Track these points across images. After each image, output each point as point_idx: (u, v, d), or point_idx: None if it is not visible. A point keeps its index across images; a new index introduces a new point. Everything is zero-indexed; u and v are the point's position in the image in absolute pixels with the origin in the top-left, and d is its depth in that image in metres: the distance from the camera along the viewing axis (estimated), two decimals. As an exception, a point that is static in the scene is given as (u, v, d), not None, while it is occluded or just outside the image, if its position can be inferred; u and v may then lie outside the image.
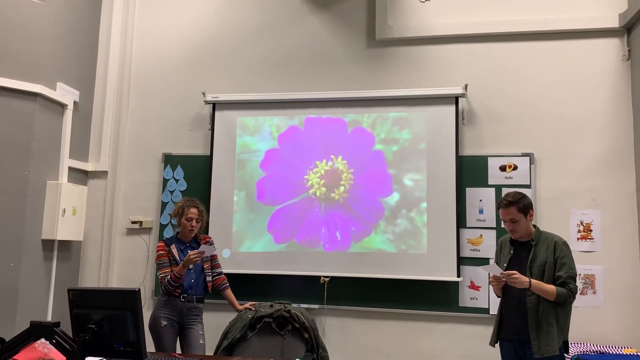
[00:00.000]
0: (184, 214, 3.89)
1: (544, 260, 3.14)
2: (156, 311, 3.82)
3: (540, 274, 3.11)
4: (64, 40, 4.69)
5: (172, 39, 5.19)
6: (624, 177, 4.34)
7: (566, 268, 3.10)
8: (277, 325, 4.02)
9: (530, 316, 3.09)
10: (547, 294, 3.05)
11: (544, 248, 3.17)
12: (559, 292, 3.04)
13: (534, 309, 3.09)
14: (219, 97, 4.91)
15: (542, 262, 3.14)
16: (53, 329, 2.67)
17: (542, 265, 3.13)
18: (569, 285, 3.07)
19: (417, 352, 4.45)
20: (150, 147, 5.08)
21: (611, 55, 4.49)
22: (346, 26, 4.93)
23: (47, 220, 4.41)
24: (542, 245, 3.18)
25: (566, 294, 3.05)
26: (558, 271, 3.10)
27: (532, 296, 3.10)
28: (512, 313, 3.19)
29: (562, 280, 3.07)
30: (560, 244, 3.15)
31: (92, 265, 5.01)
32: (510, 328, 3.20)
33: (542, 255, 3.15)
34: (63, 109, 4.66)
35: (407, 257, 4.48)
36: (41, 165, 4.41)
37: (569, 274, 3.09)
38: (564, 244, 3.17)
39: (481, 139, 4.59)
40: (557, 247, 3.14)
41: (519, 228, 3.19)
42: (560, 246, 3.14)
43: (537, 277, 3.11)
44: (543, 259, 3.14)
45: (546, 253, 3.15)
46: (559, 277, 3.09)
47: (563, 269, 3.09)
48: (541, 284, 3.06)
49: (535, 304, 3.09)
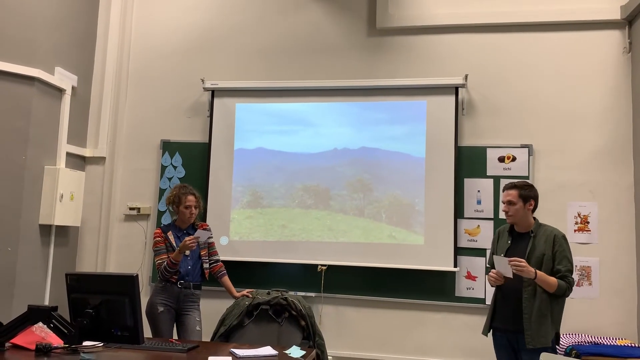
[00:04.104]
0: (181, 202, 3.89)
1: (542, 253, 3.16)
2: (153, 297, 3.83)
3: (537, 266, 3.13)
4: (63, 25, 4.66)
5: (171, 25, 5.16)
6: (622, 170, 4.35)
7: (565, 262, 3.13)
8: (274, 312, 4.03)
9: (526, 307, 3.11)
10: (549, 286, 3.08)
11: (542, 240, 3.19)
12: (560, 284, 3.08)
13: (529, 300, 3.11)
14: (218, 84, 4.89)
15: (541, 254, 3.16)
16: (51, 313, 2.68)
17: (540, 258, 3.15)
18: (567, 278, 3.11)
19: (413, 341, 4.48)
20: (149, 133, 5.06)
21: (612, 47, 4.48)
22: (347, 14, 4.90)
23: (44, 205, 4.40)
24: (541, 237, 3.20)
25: (565, 287, 3.10)
26: (558, 264, 3.13)
27: (528, 287, 3.12)
28: (508, 303, 3.20)
29: (562, 274, 3.11)
30: (559, 238, 3.18)
31: (89, 251, 5.01)
32: (504, 318, 3.22)
33: (541, 247, 3.17)
34: (61, 93, 4.64)
35: (404, 247, 4.49)
36: (39, 150, 4.39)
37: (568, 267, 3.13)
38: (563, 237, 3.20)
39: (480, 130, 4.58)
40: (557, 241, 3.16)
41: (514, 212, 3.23)
42: (559, 240, 3.17)
43: (534, 268, 3.11)
44: (542, 251, 3.16)
45: (545, 245, 3.17)
46: (558, 271, 3.11)
47: (563, 263, 3.13)
48: (545, 276, 3.09)
49: (531, 295, 3.11)
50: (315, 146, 4.73)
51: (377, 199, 4.58)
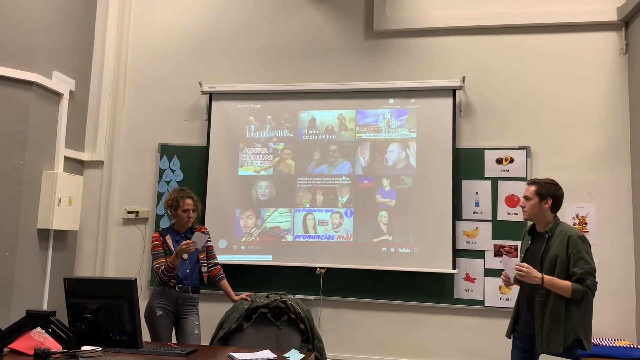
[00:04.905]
0: (179, 205, 3.88)
1: (555, 255, 3.01)
2: (151, 301, 3.83)
3: (551, 268, 3.00)
4: (60, 29, 4.66)
5: (169, 29, 5.16)
6: (620, 171, 4.35)
7: (582, 263, 2.94)
8: (273, 315, 4.03)
9: (537, 311, 3.01)
10: (562, 291, 2.93)
11: (557, 241, 3.03)
12: (575, 288, 2.90)
13: (541, 304, 3.00)
14: (216, 87, 4.89)
15: (554, 256, 3.01)
16: (49, 318, 2.68)
17: (554, 260, 3.00)
18: (585, 281, 2.92)
19: (412, 343, 4.48)
20: (147, 137, 5.06)
21: (609, 48, 4.49)
22: (344, 17, 4.90)
23: (42, 209, 4.39)
24: (556, 238, 3.05)
25: (583, 290, 2.90)
26: (573, 267, 2.95)
27: (541, 290, 2.99)
28: (524, 306, 3.13)
29: (577, 277, 2.93)
30: (575, 238, 2.99)
31: (87, 255, 5.00)
32: (522, 321, 3.15)
33: (555, 249, 3.02)
34: (59, 98, 4.63)
35: (403, 249, 4.48)
36: (37, 154, 4.39)
37: (585, 269, 2.93)
38: (580, 237, 3.01)
39: (478, 132, 4.59)
40: (571, 242, 2.98)
41: (528, 208, 3.12)
42: (574, 240, 2.98)
43: (548, 271, 2.99)
44: (555, 252, 3.01)
45: (559, 247, 3.01)
46: (574, 274, 2.94)
47: (578, 265, 2.94)
48: (555, 280, 2.94)
49: (543, 298, 2.99)
50: (312, 148, 4.73)
51: (376, 200, 4.58)
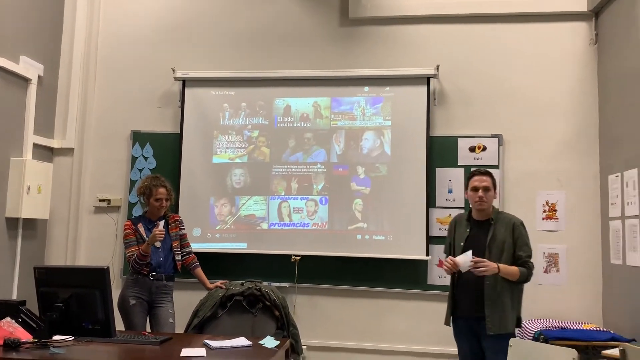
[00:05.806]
0: (152, 194, 3.84)
1: (502, 240, 3.22)
2: (125, 290, 3.79)
3: (498, 253, 3.19)
4: (28, 12, 4.52)
5: (142, 12, 5.06)
6: (589, 160, 4.45)
7: (526, 248, 3.22)
8: (248, 303, 4.03)
9: (487, 294, 3.15)
10: (512, 276, 3.15)
11: (503, 228, 3.24)
12: (522, 272, 3.16)
13: (491, 287, 3.15)
14: (189, 73, 4.83)
15: (502, 241, 3.21)
16: (19, 308, 2.64)
17: (501, 245, 3.21)
18: (528, 264, 3.20)
19: (386, 329, 4.53)
20: (118, 124, 4.97)
21: (579, 38, 4.56)
22: (319, 3, 4.87)
23: (11, 197, 4.30)
24: (501, 225, 3.26)
25: (527, 273, 3.19)
26: (519, 251, 3.21)
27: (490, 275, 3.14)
28: (469, 290, 3.22)
29: (522, 260, 3.19)
30: (518, 225, 3.25)
31: (58, 243, 4.91)
32: (466, 306, 3.25)
33: (502, 235, 3.23)
34: (27, 83, 4.51)
35: (377, 236, 4.52)
36: (4, 141, 4.28)
37: (528, 253, 3.22)
38: (522, 224, 3.28)
39: (452, 120, 4.63)
40: (516, 228, 3.24)
41: (489, 198, 3.26)
42: (518, 227, 3.24)
43: (496, 256, 3.17)
44: (502, 238, 3.22)
45: (505, 233, 3.22)
46: (519, 257, 3.20)
47: (523, 249, 3.21)
48: (508, 268, 3.15)
49: (492, 282, 3.15)
50: (287, 135, 4.72)
51: (350, 188, 4.60)
